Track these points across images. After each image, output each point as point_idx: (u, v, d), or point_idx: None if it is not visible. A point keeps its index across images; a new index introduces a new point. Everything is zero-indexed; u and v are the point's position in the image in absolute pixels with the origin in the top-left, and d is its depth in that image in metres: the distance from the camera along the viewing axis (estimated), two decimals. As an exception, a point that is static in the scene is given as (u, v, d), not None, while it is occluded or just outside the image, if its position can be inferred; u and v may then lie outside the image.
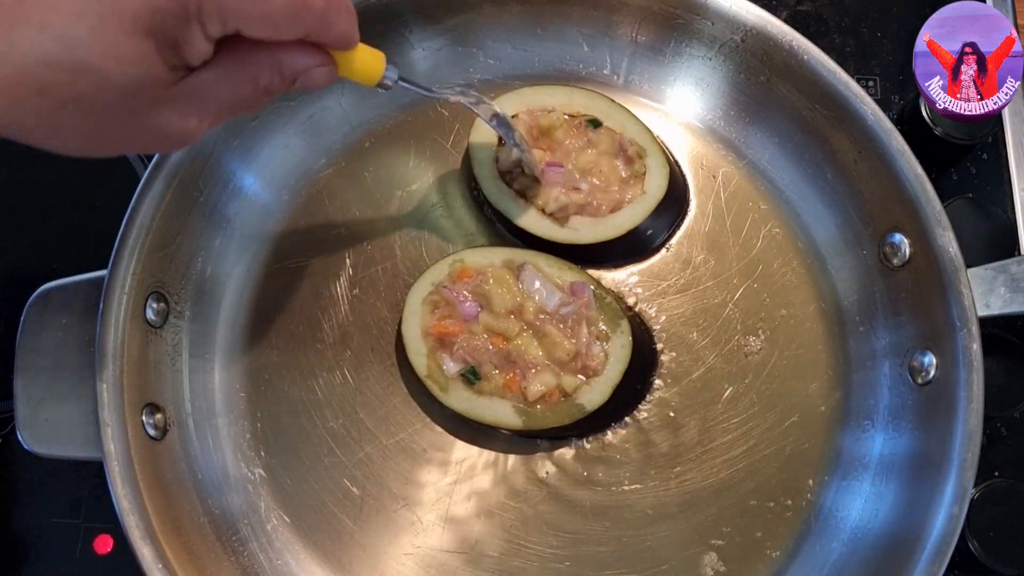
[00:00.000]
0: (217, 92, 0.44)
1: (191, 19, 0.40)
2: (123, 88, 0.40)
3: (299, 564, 0.64)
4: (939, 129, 0.73)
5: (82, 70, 0.38)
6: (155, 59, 0.40)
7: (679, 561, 0.63)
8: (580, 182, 0.66)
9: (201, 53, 0.42)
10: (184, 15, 0.39)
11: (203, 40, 0.41)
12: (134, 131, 0.43)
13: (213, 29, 0.41)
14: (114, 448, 0.58)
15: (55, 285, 0.62)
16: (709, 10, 0.67)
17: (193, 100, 0.44)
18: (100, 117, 0.41)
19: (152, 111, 0.42)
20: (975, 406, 0.58)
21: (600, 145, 0.67)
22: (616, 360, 0.63)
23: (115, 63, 0.39)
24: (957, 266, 0.60)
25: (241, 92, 0.46)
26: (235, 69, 0.45)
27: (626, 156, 0.67)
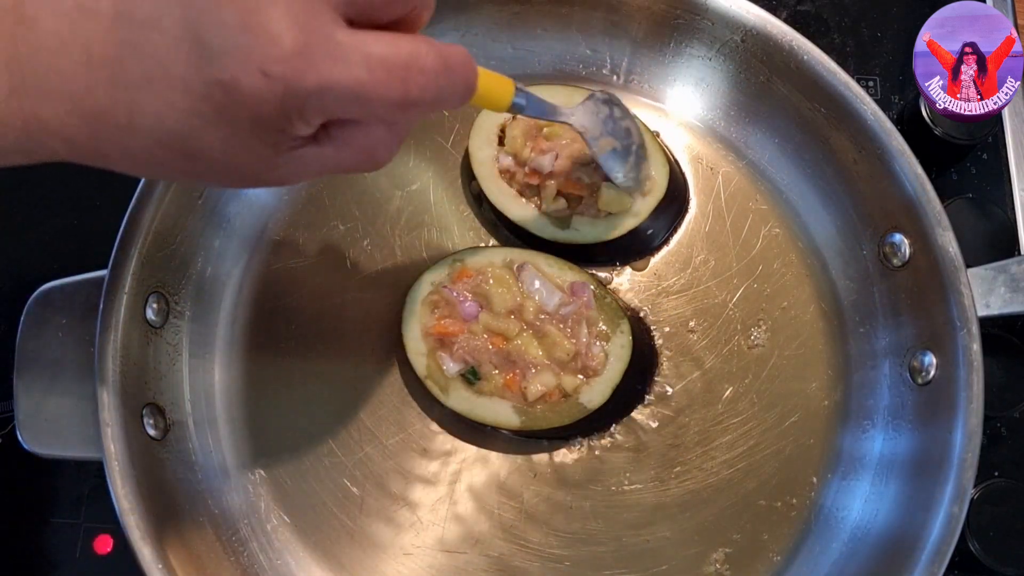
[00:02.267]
0: (328, 161, 0.45)
1: (294, 118, 0.40)
2: (231, 168, 0.43)
3: (299, 564, 0.64)
4: (939, 129, 0.73)
5: (193, 156, 0.41)
6: (260, 146, 0.41)
7: (679, 561, 0.63)
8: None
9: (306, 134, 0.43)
10: (287, 115, 0.40)
11: (306, 128, 0.42)
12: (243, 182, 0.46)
13: (317, 120, 0.42)
14: (114, 448, 0.58)
15: (55, 285, 0.62)
16: (709, 10, 0.67)
17: (301, 165, 0.44)
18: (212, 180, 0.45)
19: (260, 174, 0.44)
20: (975, 406, 0.58)
21: None
22: (616, 360, 0.63)
23: (222, 154, 0.41)
24: (957, 266, 0.60)
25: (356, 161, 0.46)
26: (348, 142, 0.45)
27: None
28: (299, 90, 0.39)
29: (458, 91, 0.44)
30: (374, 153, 0.46)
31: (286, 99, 0.39)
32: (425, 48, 0.41)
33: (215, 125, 0.40)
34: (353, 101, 0.40)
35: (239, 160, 0.42)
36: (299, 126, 0.41)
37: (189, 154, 0.41)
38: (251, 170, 0.43)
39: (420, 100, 0.42)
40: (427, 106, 0.43)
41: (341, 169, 0.46)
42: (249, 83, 0.38)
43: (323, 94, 0.39)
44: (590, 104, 0.62)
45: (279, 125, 0.41)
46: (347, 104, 0.41)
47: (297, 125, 0.41)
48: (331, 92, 0.39)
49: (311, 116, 0.41)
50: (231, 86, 0.38)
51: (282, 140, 0.42)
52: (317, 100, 0.40)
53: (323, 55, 0.39)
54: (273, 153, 0.42)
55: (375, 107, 0.41)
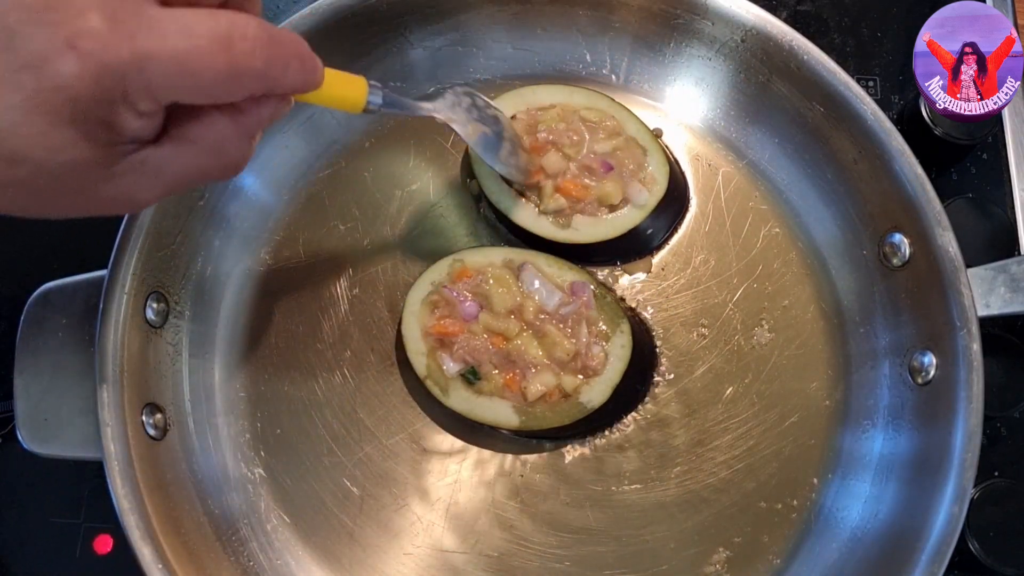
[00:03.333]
0: (173, 166, 0.43)
1: (116, 102, 0.38)
2: (59, 172, 0.39)
3: (299, 564, 0.64)
4: (939, 129, 0.73)
5: (15, 160, 0.38)
6: (86, 143, 0.39)
7: (679, 561, 0.63)
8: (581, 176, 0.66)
9: (141, 128, 0.40)
10: (108, 99, 0.38)
11: (136, 118, 0.40)
12: (83, 202, 0.42)
13: (146, 107, 0.39)
14: (114, 448, 0.58)
15: (55, 285, 0.62)
16: (709, 10, 0.67)
17: (145, 174, 0.42)
18: (44, 194, 0.41)
19: (98, 186, 0.41)
20: (975, 406, 0.58)
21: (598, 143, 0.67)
22: (616, 360, 0.63)
23: (45, 152, 0.38)
24: (957, 266, 0.60)
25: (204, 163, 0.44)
26: (191, 140, 0.43)
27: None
28: (114, 64, 0.37)
29: (292, 65, 0.43)
30: (222, 150, 0.44)
31: (100, 76, 0.37)
32: (246, 18, 0.40)
33: (31, 116, 0.37)
34: (176, 73, 0.38)
35: (67, 160, 0.39)
36: (127, 115, 0.39)
37: (11, 158, 0.38)
38: (86, 178, 0.40)
39: (249, 67, 0.40)
40: (259, 77, 0.41)
41: (191, 176, 0.44)
42: (59, 62, 0.37)
43: (142, 67, 0.38)
44: (449, 95, 0.61)
45: (103, 114, 0.38)
46: (171, 78, 0.39)
47: (124, 113, 0.39)
48: (150, 65, 0.38)
49: (136, 98, 0.39)
50: (40, 68, 0.37)
51: (113, 138, 0.40)
52: (137, 76, 0.38)
53: (136, 27, 0.37)
54: (106, 156, 0.40)
55: (202, 79, 0.39)
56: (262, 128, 0.46)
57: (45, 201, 0.42)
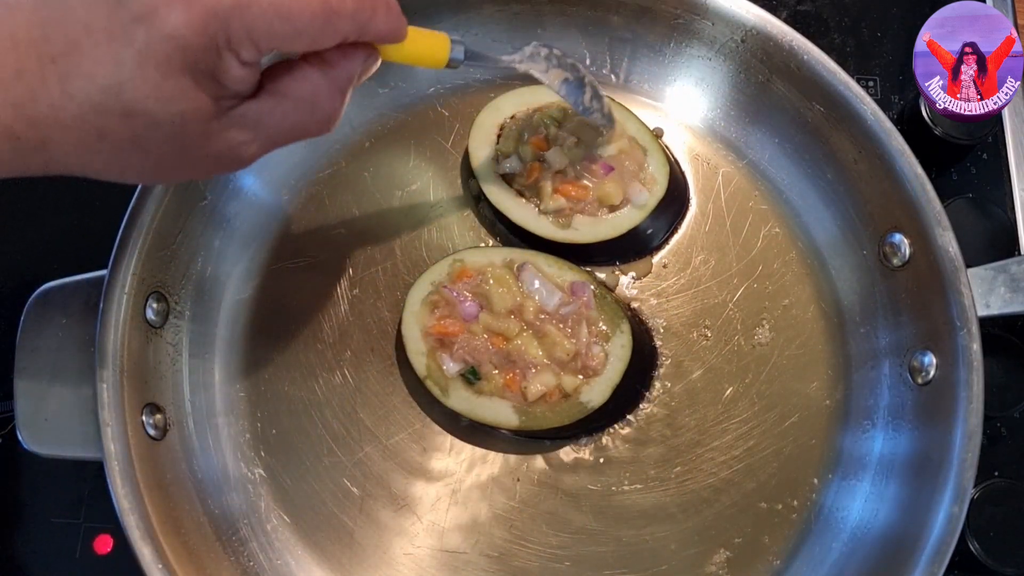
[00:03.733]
0: (271, 119, 0.45)
1: (222, 49, 0.41)
2: (171, 124, 0.42)
3: (299, 564, 0.64)
4: (939, 129, 0.73)
5: (131, 113, 0.41)
6: (196, 93, 0.41)
7: (679, 561, 0.63)
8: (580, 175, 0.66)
9: (242, 79, 0.43)
10: (214, 46, 0.40)
11: (239, 66, 0.42)
12: (193, 159, 0.45)
13: (247, 54, 0.42)
14: (114, 448, 0.58)
15: (55, 285, 0.62)
16: (709, 10, 0.67)
17: (246, 128, 0.45)
18: (158, 152, 0.43)
19: (206, 141, 0.44)
20: (975, 406, 0.58)
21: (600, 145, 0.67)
22: (616, 360, 0.63)
23: (158, 103, 0.41)
24: (957, 266, 0.60)
25: (300, 117, 0.46)
26: (287, 94, 0.45)
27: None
28: (218, 10, 0.39)
29: (378, 8, 0.45)
30: (316, 103, 0.46)
31: (207, 21, 0.39)
32: None
33: (144, 68, 0.40)
34: (275, 16, 0.41)
35: (178, 111, 0.41)
36: (231, 63, 0.41)
37: (126, 111, 0.41)
38: (195, 132, 0.43)
39: (340, 8, 0.43)
40: (349, 19, 0.44)
41: (289, 129, 0.46)
42: (166, 11, 0.39)
43: (243, 12, 0.40)
44: (528, 48, 0.62)
45: (210, 62, 0.41)
46: (270, 22, 0.41)
47: (229, 61, 0.41)
48: (250, 10, 0.40)
49: (238, 43, 0.41)
50: (150, 19, 0.39)
51: (218, 90, 0.42)
52: (239, 21, 0.40)
53: None
54: (213, 108, 0.42)
55: (298, 19, 0.42)
56: (352, 84, 0.48)
57: (158, 161, 0.44)
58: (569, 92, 0.62)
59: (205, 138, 0.44)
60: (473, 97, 0.69)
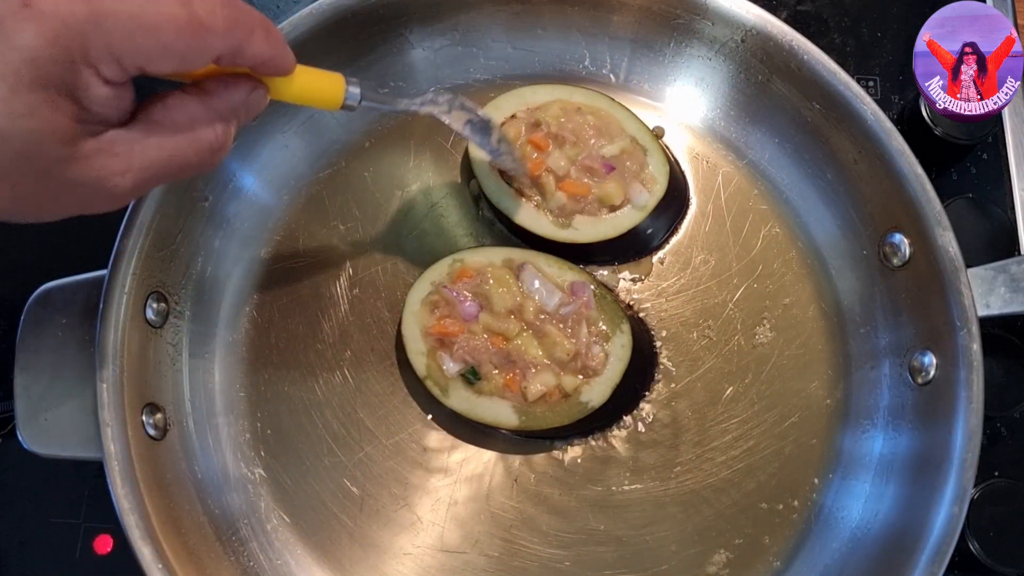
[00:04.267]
0: (144, 149, 0.42)
1: (77, 64, 0.38)
2: (22, 143, 0.38)
3: (299, 564, 0.64)
4: (939, 129, 0.73)
5: None
6: (50, 111, 0.38)
7: (679, 561, 0.63)
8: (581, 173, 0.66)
9: (106, 101, 0.40)
10: (69, 60, 0.38)
11: (101, 84, 0.39)
12: (55, 191, 0.41)
13: (109, 71, 0.39)
14: (114, 448, 0.58)
15: (55, 285, 0.62)
16: (709, 10, 0.67)
17: (115, 156, 0.42)
18: (11, 177, 0.40)
19: (64, 167, 0.40)
20: (975, 406, 0.58)
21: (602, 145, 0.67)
22: (616, 360, 0.63)
23: (6, 119, 0.37)
24: (957, 266, 0.60)
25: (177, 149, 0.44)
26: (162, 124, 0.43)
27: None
28: (71, 21, 0.37)
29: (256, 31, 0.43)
30: (194, 133, 0.44)
31: (59, 35, 0.37)
32: None
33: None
34: (137, 30, 0.38)
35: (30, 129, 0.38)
36: (90, 80, 0.39)
37: None
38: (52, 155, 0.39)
39: (210, 24, 0.40)
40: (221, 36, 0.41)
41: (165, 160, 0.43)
42: (14, 21, 0.36)
43: (99, 24, 0.37)
44: (430, 94, 0.60)
45: (65, 77, 0.38)
46: (132, 36, 0.38)
47: (87, 79, 0.38)
48: (108, 22, 0.38)
49: (98, 60, 0.38)
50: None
51: (79, 112, 0.39)
52: (96, 34, 0.37)
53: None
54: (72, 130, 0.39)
55: (163, 36, 0.39)
56: (236, 116, 0.46)
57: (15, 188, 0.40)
58: (473, 133, 0.60)
59: (65, 163, 0.40)
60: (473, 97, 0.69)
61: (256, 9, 0.44)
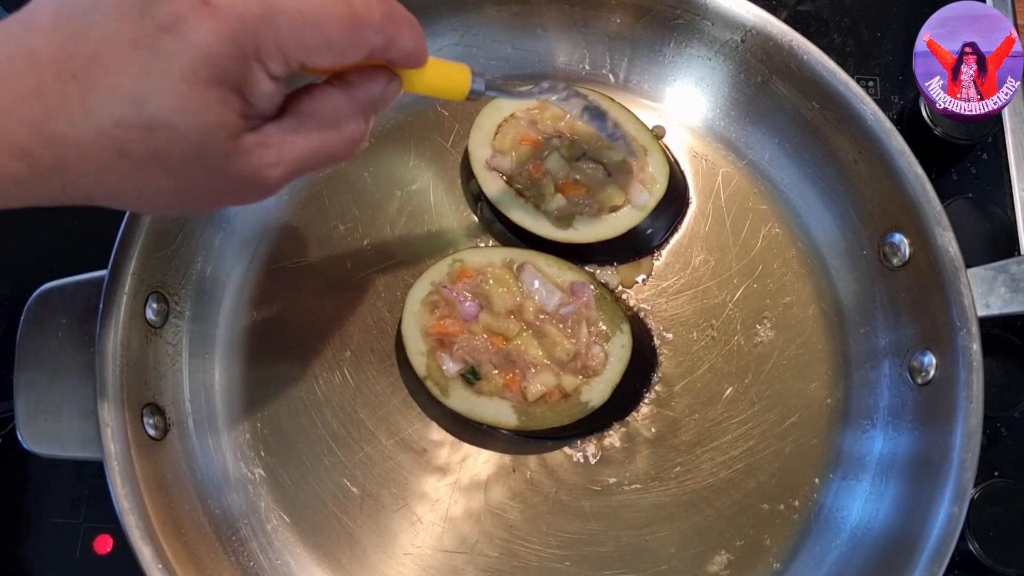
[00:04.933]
0: (294, 140, 0.44)
1: (250, 60, 0.40)
2: (195, 139, 0.40)
3: (299, 564, 0.64)
4: (939, 129, 0.73)
5: (154, 126, 0.39)
6: (221, 107, 0.40)
7: (679, 561, 0.63)
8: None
9: (269, 96, 0.42)
10: (242, 57, 0.39)
11: (268, 80, 0.41)
12: (216, 184, 0.43)
13: (275, 67, 0.41)
14: (114, 448, 0.58)
15: (55, 285, 0.62)
16: (709, 10, 0.67)
17: (271, 148, 0.43)
18: (180, 172, 0.42)
19: (228, 162, 0.42)
20: (975, 406, 0.58)
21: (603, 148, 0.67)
22: (616, 360, 0.63)
23: (182, 116, 0.39)
24: (957, 266, 0.60)
25: (326, 141, 0.45)
26: (313, 116, 0.45)
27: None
28: (247, 18, 0.38)
29: (404, 27, 0.45)
30: (339, 124, 0.45)
31: (236, 32, 0.38)
32: None
33: (170, 78, 0.38)
34: (303, 26, 0.40)
35: (202, 123, 0.40)
36: (258, 76, 0.40)
37: (149, 124, 0.39)
38: (217, 150, 0.41)
39: (368, 19, 0.42)
40: (375, 32, 0.43)
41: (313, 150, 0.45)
42: (194, 20, 0.38)
43: (271, 21, 0.39)
44: (546, 84, 0.61)
45: (238, 74, 0.40)
46: (299, 32, 0.40)
47: (256, 74, 0.40)
48: (278, 19, 0.39)
49: (267, 55, 0.40)
50: (177, 28, 0.38)
51: (244, 107, 0.41)
52: (267, 30, 0.39)
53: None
54: (236, 125, 0.41)
55: (327, 31, 0.41)
56: (376, 108, 0.47)
57: (182, 184, 0.42)
58: (591, 119, 0.62)
59: (229, 158, 0.42)
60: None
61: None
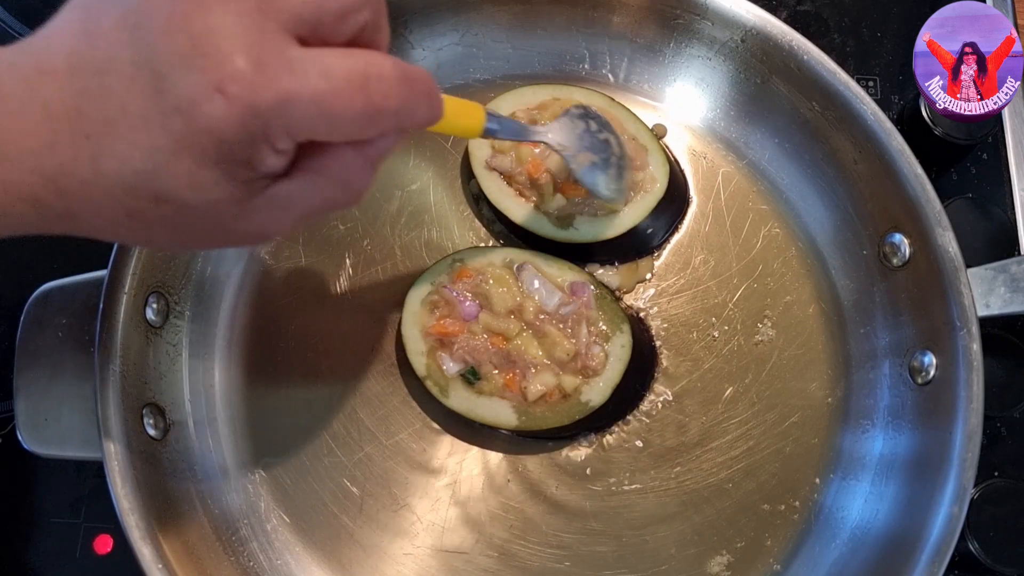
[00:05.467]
0: (302, 197, 0.44)
1: (258, 142, 0.40)
2: (203, 210, 0.41)
3: (299, 564, 0.64)
4: (939, 129, 0.73)
5: (162, 199, 0.40)
6: (227, 183, 0.40)
7: (679, 561, 0.63)
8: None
9: (276, 165, 0.42)
10: (250, 139, 0.39)
11: (274, 155, 0.41)
12: (222, 237, 0.44)
13: (283, 144, 0.41)
14: (114, 448, 0.58)
15: (55, 285, 0.62)
16: (709, 10, 0.67)
17: (278, 208, 0.44)
18: (187, 232, 0.43)
19: (236, 223, 0.43)
20: (975, 406, 0.58)
21: None
22: (616, 360, 0.63)
23: (191, 191, 0.40)
24: (957, 266, 0.60)
25: (332, 195, 0.45)
26: (321, 173, 0.44)
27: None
28: (259, 106, 0.38)
29: (421, 102, 0.44)
30: (348, 181, 0.45)
31: (246, 118, 0.38)
32: (381, 57, 0.41)
33: (180, 158, 0.39)
34: (316, 114, 0.39)
35: (210, 199, 0.41)
36: (266, 153, 0.40)
37: (158, 196, 0.40)
38: (226, 214, 0.42)
39: (384, 107, 0.41)
40: (392, 116, 0.42)
41: (320, 206, 0.45)
42: (208, 106, 0.38)
43: (284, 108, 0.39)
44: (565, 120, 0.62)
45: (245, 154, 0.40)
46: (311, 119, 0.40)
47: (264, 152, 0.40)
48: (292, 105, 0.39)
49: (276, 137, 0.40)
50: (190, 111, 0.38)
51: (252, 177, 0.41)
52: (279, 116, 0.39)
53: (279, 69, 0.38)
54: (245, 192, 0.41)
55: (340, 119, 0.40)
56: (383, 158, 0.47)
57: (183, 236, 0.44)
58: (588, 176, 0.62)
59: (234, 219, 0.43)
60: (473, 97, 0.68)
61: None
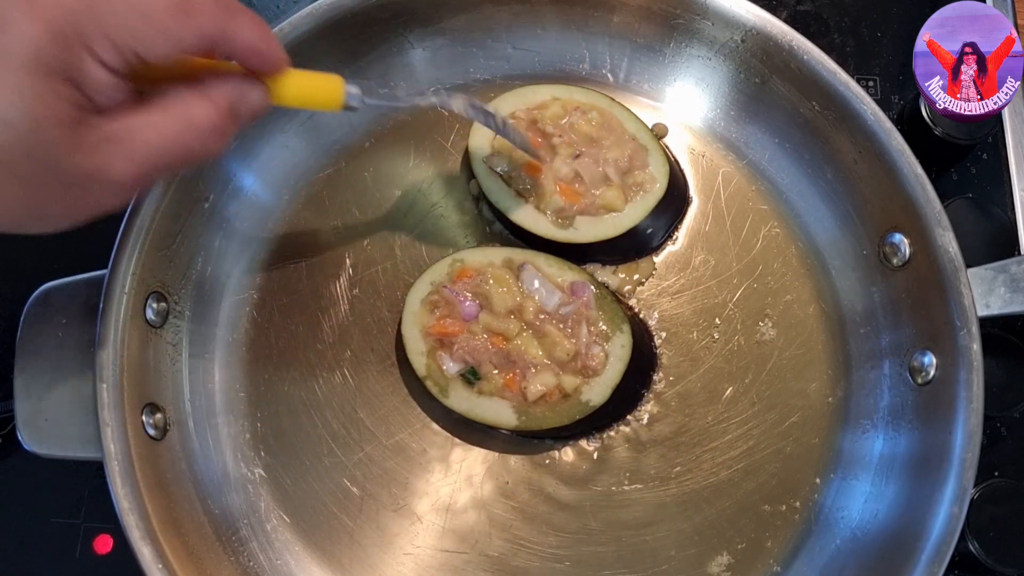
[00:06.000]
0: (143, 133, 0.43)
1: (77, 47, 0.40)
2: (28, 131, 0.40)
3: (299, 564, 0.64)
4: (939, 129, 0.73)
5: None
6: (54, 98, 0.40)
7: (679, 561, 0.63)
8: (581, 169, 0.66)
9: (107, 87, 0.42)
10: (67, 45, 0.40)
11: (102, 70, 0.41)
12: (63, 182, 0.42)
13: (108, 56, 0.41)
14: (114, 448, 0.58)
15: (55, 285, 0.62)
16: (709, 10, 0.67)
17: (115, 144, 0.43)
18: (21, 170, 0.41)
19: (72, 159, 0.41)
20: (975, 406, 0.58)
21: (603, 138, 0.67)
22: (616, 360, 0.63)
23: (11, 106, 0.39)
24: (957, 266, 0.60)
25: (175, 133, 0.45)
26: (159, 109, 0.44)
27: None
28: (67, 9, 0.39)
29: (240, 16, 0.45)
30: (192, 119, 0.45)
31: (58, 24, 0.39)
32: None
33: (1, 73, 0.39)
34: (129, 12, 0.41)
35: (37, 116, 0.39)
36: (91, 66, 0.40)
37: None
38: (58, 147, 0.40)
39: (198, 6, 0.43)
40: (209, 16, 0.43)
41: (166, 146, 0.44)
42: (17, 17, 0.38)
43: (94, 9, 0.40)
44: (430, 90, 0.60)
45: (69, 64, 0.40)
46: (125, 16, 0.41)
47: (88, 64, 0.40)
48: (103, 6, 0.40)
49: (96, 44, 0.40)
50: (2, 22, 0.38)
51: (81, 99, 0.41)
52: (91, 19, 0.40)
53: None
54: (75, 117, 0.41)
55: (155, 12, 0.41)
56: (237, 111, 0.47)
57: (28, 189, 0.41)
58: (478, 115, 0.61)
59: (70, 153, 0.41)
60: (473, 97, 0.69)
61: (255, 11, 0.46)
